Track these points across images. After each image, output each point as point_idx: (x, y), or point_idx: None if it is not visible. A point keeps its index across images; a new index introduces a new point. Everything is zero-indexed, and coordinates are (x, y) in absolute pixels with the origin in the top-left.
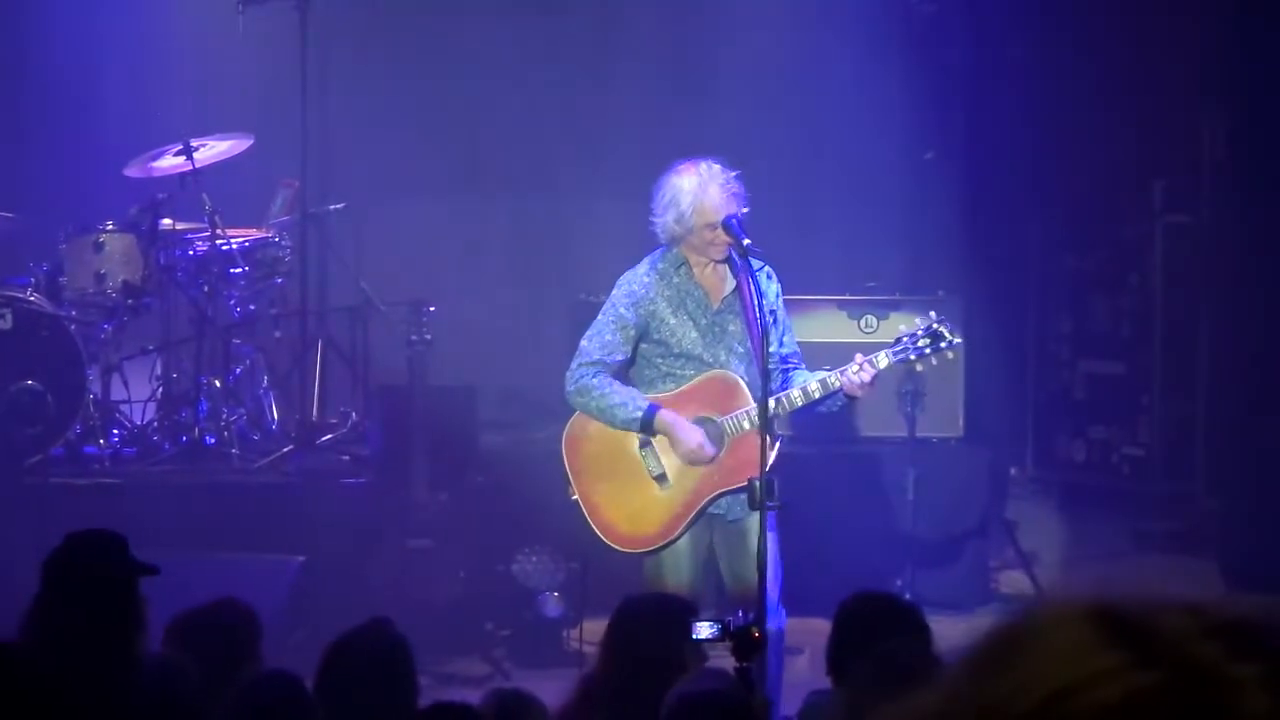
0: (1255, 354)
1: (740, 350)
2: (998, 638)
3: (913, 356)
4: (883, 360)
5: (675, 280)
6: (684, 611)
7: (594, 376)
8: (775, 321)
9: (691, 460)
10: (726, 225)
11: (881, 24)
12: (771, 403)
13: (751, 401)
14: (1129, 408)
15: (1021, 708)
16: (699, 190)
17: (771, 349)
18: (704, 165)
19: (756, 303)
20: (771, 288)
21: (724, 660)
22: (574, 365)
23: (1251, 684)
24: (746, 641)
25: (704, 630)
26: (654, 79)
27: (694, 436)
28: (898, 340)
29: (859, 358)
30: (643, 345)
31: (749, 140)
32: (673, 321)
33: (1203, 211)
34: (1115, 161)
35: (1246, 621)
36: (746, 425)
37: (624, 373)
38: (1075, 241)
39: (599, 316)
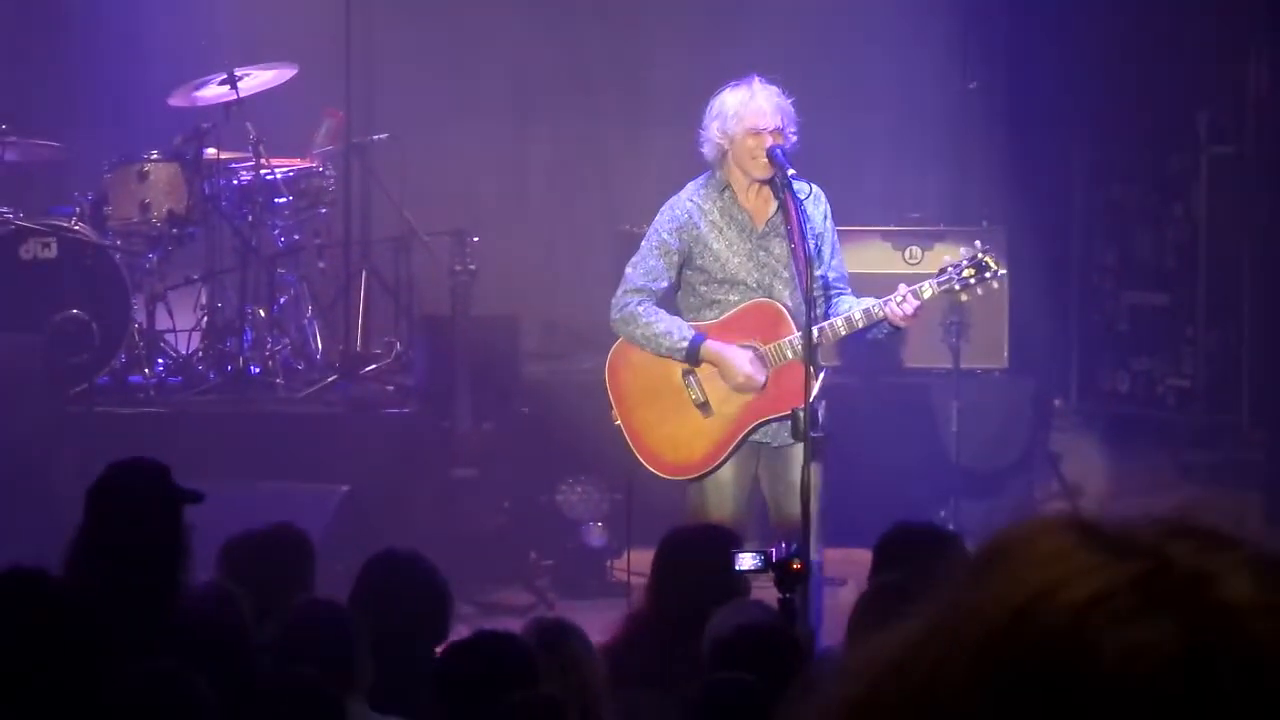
0: None
1: (785, 275)
2: (977, 554)
3: (957, 286)
4: (927, 290)
5: (719, 204)
6: (729, 541)
7: (639, 304)
8: (821, 245)
9: (742, 388)
10: (770, 154)
11: None
12: (815, 332)
13: (795, 330)
14: (1173, 339)
15: (1003, 613)
16: (746, 98)
17: (819, 273)
18: (755, 80)
19: (800, 226)
20: (819, 210)
21: (766, 591)
22: (619, 292)
23: (1228, 569)
24: (789, 573)
25: (746, 561)
26: (696, 8)
27: (743, 365)
28: (942, 270)
29: (903, 288)
30: (686, 272)
31: (791, 70)
32: (716, 246)
33: (1247, 143)
34: (1160, 93)
35: (1215, 526)
36: (789, 354)
37: (669, 300)
38: (1119, 173)
39: (643, 243)
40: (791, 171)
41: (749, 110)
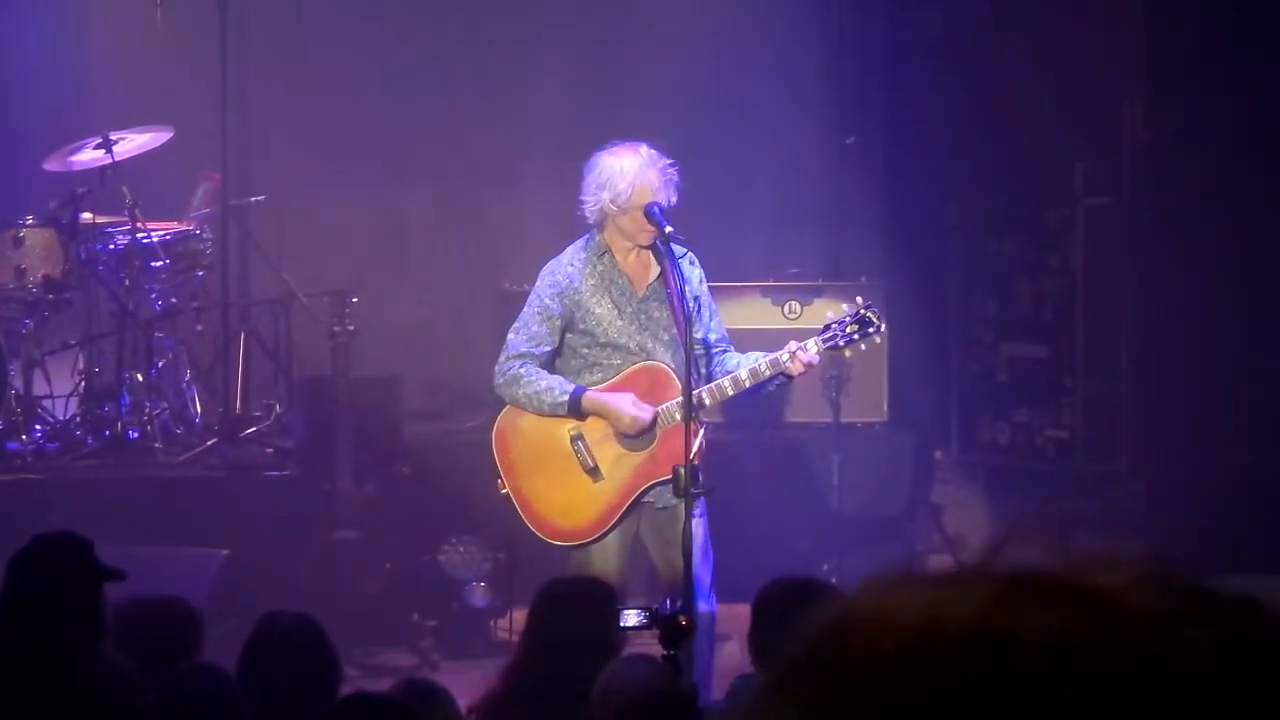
0: (1177, 335)
1: (666, 338)
2: (823, 633)
3: (841, 343)
4: (813, 347)
5: (599, 268)
6: (607, 594)
7: (522, 367)
8: (700, 307)
9: (630, 428)
10: (648, 212)
11: (801, 7)
12: (705, 394)
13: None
14: (1052, 390)
15: (893, 653)
16: (639, 172)
17: (699, 335)
18: (643, 148)
19: (680, 289)
20: (694, 273)
21: (652, 647)
22: (502, 358)
23: (1126, 586)
24: (674, 629)
25: (631, 618)
26: (575, 67)
27: (628, 406)
28: (826, 328)
29: (792, 344)
30: (568, 335)
31: (670, 127)
32: (598, 310)
33: (1123, 194)
34: (1036, 144)
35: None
36: (678, 416)
37: (551, 364)
38: (997, 226)
39: (525, 309)
40: (669, 229)
41: (643, 184)
